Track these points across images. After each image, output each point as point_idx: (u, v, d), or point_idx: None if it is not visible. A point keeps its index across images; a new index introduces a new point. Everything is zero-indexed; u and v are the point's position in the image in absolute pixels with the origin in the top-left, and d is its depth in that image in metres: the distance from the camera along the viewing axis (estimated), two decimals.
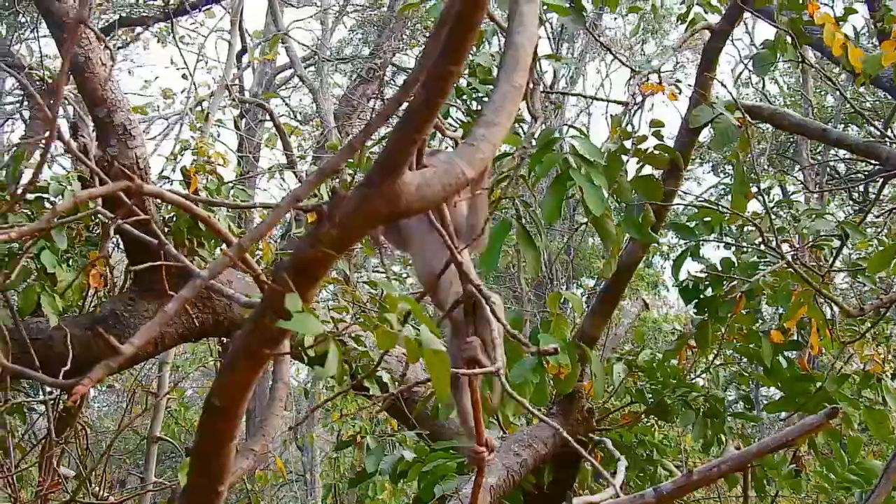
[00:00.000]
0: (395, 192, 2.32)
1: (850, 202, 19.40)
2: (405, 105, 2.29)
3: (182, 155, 8.83)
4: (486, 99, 6.10)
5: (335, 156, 2.45)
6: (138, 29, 18.46)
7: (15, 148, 7.48)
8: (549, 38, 22.65)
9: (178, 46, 15.07)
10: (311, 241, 2.44)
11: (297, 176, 13.10)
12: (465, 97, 6.44)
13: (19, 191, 6.52)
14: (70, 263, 6.62)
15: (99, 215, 5.20)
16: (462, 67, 2.21)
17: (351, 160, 6.47)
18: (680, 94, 6.84)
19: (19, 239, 4.34)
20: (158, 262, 4.01)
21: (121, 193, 2.67)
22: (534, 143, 5.21)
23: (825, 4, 16.65)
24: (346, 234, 2.42)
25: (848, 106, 14.35)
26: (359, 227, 2.41)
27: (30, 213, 6.50)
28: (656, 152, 6.15)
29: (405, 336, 2.51)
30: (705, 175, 24.18)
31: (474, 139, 2.47)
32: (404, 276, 14.37)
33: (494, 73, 5.68)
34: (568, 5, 6.08)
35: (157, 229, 3.16)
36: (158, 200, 6.33)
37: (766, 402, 7.79)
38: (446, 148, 5.40)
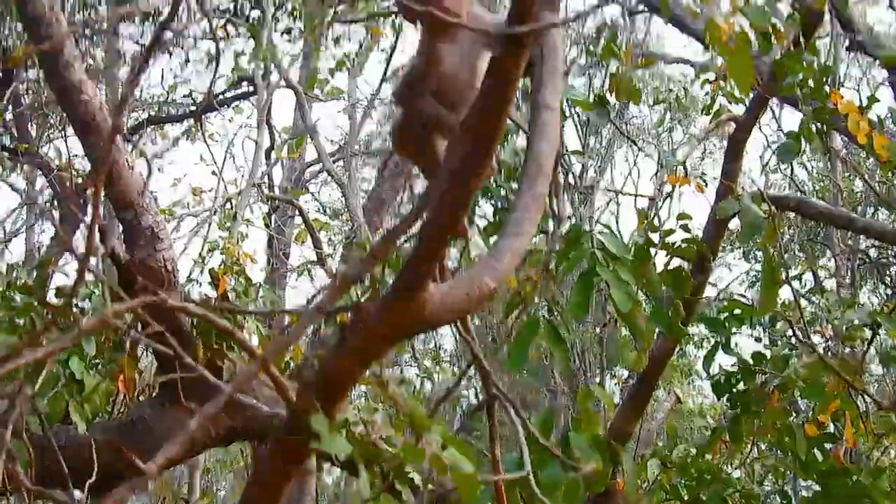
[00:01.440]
0: (419, 305, 2.33)
1: (882, 285, 19.28)
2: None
3: (210, 256, 8.85)
4: (511, 196, 6.08)
5: (357, 265, 2.45)
6: (167, 127, 18.62)
7: (45, 250, 7.52)
8: (576, 128, 22.74)
9: (206, 143, 15.16)
10: (337, 355, 2.44)
11: (326, 273, 13.10)
12: (491, 195, 6.41)
13: (48, 297, 6.50)
14: (98, 369, 6.58)
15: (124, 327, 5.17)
16: (480, 187, 2.21)
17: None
18: (707, 186, 6.82)
19: (47, 357, 4.31)
20: (180, 375, 3.97)
21: (139, 310, 2.66)
22: (557, 246, 5.20)
23: (852, 89, 16.67)
24: (372, 347, 2.42)
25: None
26: (383, 339, 2.42)
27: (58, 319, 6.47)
28: (684, 245, 6.12)
29: (433, 454, 2.50)
30: (736, 262, 24.04)
31: (498, 251, 2.47)
32: (435, 372, 14.33)
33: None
34: (592, 101, 6.10)
35: (174, 342, 3.12)
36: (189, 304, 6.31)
37: (805, 493, 7.68)
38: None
